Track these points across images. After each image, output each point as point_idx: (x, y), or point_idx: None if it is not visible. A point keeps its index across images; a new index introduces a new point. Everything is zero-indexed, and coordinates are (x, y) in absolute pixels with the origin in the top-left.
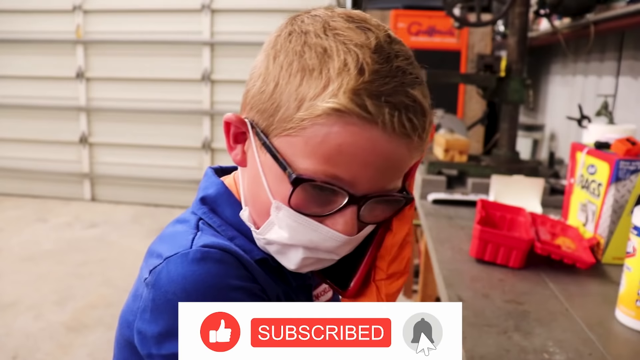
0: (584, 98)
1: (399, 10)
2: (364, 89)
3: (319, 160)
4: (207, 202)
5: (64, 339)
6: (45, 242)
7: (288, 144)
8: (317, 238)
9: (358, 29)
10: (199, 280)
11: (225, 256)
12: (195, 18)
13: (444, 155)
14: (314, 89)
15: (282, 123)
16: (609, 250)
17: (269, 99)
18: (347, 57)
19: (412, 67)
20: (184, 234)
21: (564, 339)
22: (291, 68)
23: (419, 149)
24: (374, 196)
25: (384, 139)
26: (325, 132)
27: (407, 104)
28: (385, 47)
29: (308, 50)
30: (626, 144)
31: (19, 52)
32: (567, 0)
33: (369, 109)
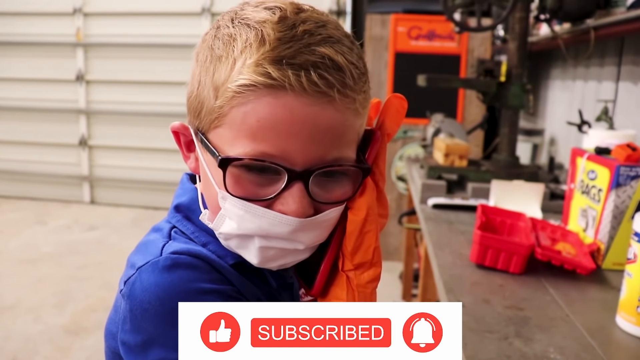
0: (583, 103)
1: (399, 15)
2: (264, 58)
3: (245, 141)
4: (181, 209)
5: (63, 342)
6: (44, 245)
7: (218, 135)
8: (266, 224)
9: (265, 9)
10: (171, 287)
11: (195, 261)
12: (196, 21)
13: (444, 160)
14: (223, 74)
15: (208, 117)
16: (609, 256)
17: (196, 99)
18: (248, 35)
19: (325, 29)
20: (155, 242)
21: (564, 345)
22: (207, 62)
23: (354, 109)
24: (317, 168)
25: (301, 103)
26: (242, 111)
27: (314, 61)
28: (290, 16)
29: (217, 42)
30: (626, 150)
31: (19, 55)
32: (567, 6)
33: (273, 75)
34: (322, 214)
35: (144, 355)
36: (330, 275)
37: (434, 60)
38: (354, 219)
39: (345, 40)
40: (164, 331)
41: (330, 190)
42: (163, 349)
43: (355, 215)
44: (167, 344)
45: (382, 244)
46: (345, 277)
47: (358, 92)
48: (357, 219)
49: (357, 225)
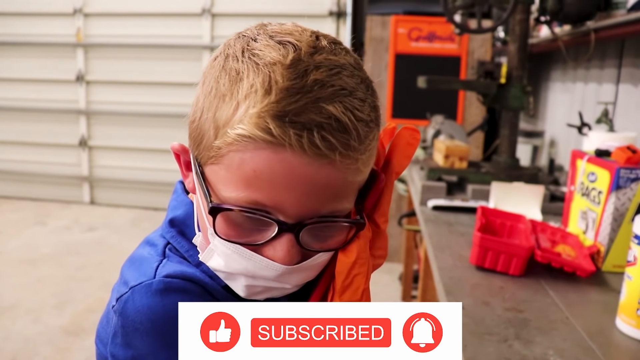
0: (584, 105)
1: (399, 16)
2: (267, 111)
3: (239, 187)
4: (176, 224)
5: (63, 342)
6: (44, 245)
7: (213, 172)
8: (253, 267)
9: (279, 44)
10: (164, 312)
11: (189, 285)
12: (196, 22)
13: (443, 162)
14: (225, 115)
15: (206, 152)
16: (609, 258)
17: (197, 128)
18: (255, 78)
19: (338, 77)
20: (150, 261)
21: (564, 348)
22: (211, 95)
23: (355, 168)
24: (310, 223)
25: (300, 162)
26: (239, 158)
27: (319, 121)
28: (304, 59)
29: (224, 75)
30: (627, 152)
31: (20, 55)
32: (567, 8)
33: (273, 132)
34: (309, 259)
35: None
36: None
37: (434, 61)
38: (344, 260)
39: (359, 91)
40: (154, 351)
41: (321, 240)
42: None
43: (346, 256)
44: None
45: None
46: None
47: (362, 152)
48: (347, 261)
49: (346, 267)
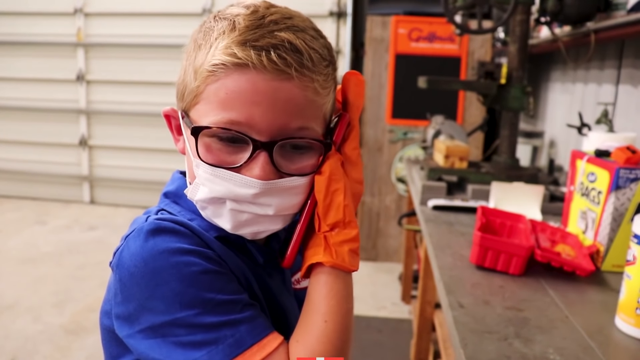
0: (583, 106)
1: (399, 16)
2: (232, 42)
3: (215, 112)
4: (169, 195)
5: (63, 341)
6: (44, 245)
7: (196, 112)
8: (234, 185)
9: (243, 7)
10: (154, 248)
11: (178, 226)
12: (196, 21)
13: (444, 162)
14: (201, 58)
15: (189, 97)
16: (609, 258)
17: (181, 84)
18: (223, 24)
19: (291, 20)
20: (142, 218)
21: (564, 347)
22: (190, 52)
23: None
24: (280, 140)
25: (262, 78)
26: (214, 87)
27: (274, 43)
28: (261, 10)
29: (199, 34)
30: (626, 153)
31: (20, 55)
32: (567, 9)
33: (238, 54)
34: (285, 179)
35: (136, 324)
36: (309, 240)
37: (434, 62)
38: (319, 178)
39: (310, 31)
40: (150, 293)
41: (295, 161)
42: (151, 314)
43: (320, 175)
44: (154, 307)
45: (382, 245)
46: (322, 237)
47: (317, 73)
48: (322, 178)
49: (323, 184)
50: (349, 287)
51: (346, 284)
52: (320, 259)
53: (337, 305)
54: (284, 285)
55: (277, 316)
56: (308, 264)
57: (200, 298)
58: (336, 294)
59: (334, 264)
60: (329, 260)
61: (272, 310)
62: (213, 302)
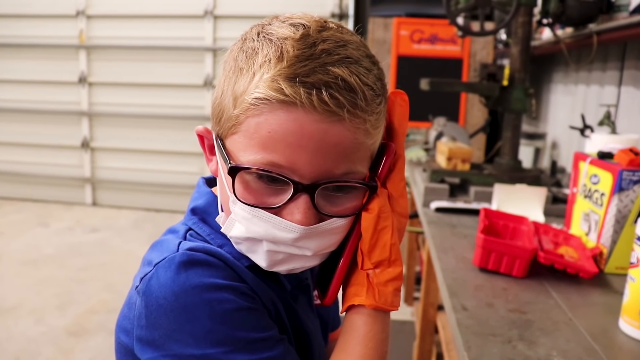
0: (586, 107)
1: (401, 18)
2: (280, 75)
3: (256, 150)
4: (197, 212)
5: (65, 343)
6: (46, 247)
7: (233, 142)
8: (273, 228)
9: (291, 25)
10: (186, 282)
11: (211, 258)
12: (198, 24)
13: (446, 164)
14: (243, 85)
15: (226, 124)
16: (612, 260)
17: (218, 105)
18: (269, 51)
19: (344, 49)
20: (171, 241)
21: (568, 349)
22: (230, 73)
23: (364, 129)
24: (323, 183)
25: (310, 120)
26: (256, 122)
27: (327, 81)
28: (312, 34)
29: (241, 54)
30: (629, 154)
31: (22, 57)
32: (570, 10)
33: (285, 91)
34: (326, 222)
35: (160, 350)
36: (351, 276)
37: (436, 63)
38: (367, 215)
39: (364, 61)
40: (179, 327)
41: (337, 204)
42: (179, 345)
43: (368, 212)
44: (183, 340)
45: None
46: (365, 275)
47: (370, 113)
48: (371, 215)
49: (371, 222)
50: (387, 328)
51: (385, 324)
52: (363, 301)
53: (375, 349)
54: (309, 305)
55: (301, 341)
56: (349, 304)
57: (232, 336)
58: (374, 336)
59: (376, 307)
60: (371, 303)
61: (296, 335)
62: (244, 341)
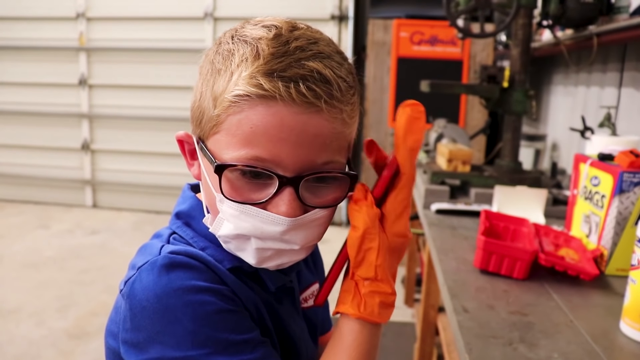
0: (586, 109)
1: (401, 20)
2: (258, 71)
3: (239, 146)
4: (181, 216)
5: (66, 346)
6: (46, 249)
7: (215, 142)
8: (261, 223)
9: (262, 27)
10: (168, 285)
11: (192, 261)
12: (198, 26)
13: (447, 165)
14: (222, 85)
15: (207, 125)
16: (613, 262)
17: (197, 109)
18: (245, 50)
19: (316, 45)
20: (156, 245)
21: (569, 351)
22: (207, 76)
23: (341, 119)
24: (307, 175)
25: (290, 112)
26: (237, 119)
27: (303, 74)
28: (284, 34)
29: (217, 57)
30: (630, 156)
31: (23, 59)
32: (570, 12)
33: (265, 86)
34: (310, 212)
35: (144, 352)
36: (344, 280)
37: (436, 65)
38: (352, 234)
39: (335, 56)
40: (162, 329)
41: (321, 195)
42: (162, 347)
43: (354, 231)
44: (166, 342)
45: None
46: (354, 283)
47: (345, 103)
48: (355, 235)
49: (355, 241)
50: (375, 339)
51: (372, 336)
52: (347, 309)
53: (358, 358)
54: (294, 307)
55: (287, 345)
56: (336, 310)
57: (213, 338)
58: (359, 346)
59: (359, 317)
60: (355, 313)
61: (281, 339)
62: (225, 343)
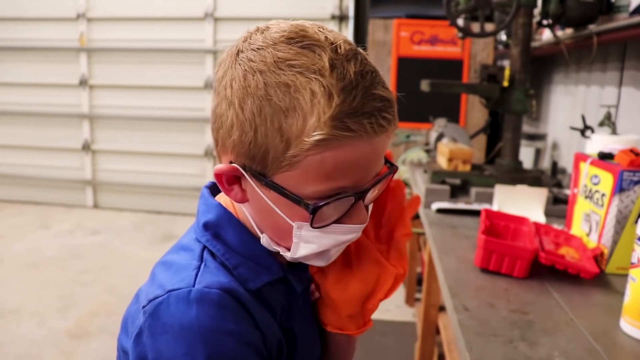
0: (586, 108)
1: (401, 20)
2: (339, 112)
3: (322, 181)
4: (210, 227)
5: (67, 346)
6: (47, 249)
7: (288, 178)
8: (341, 235)
9: (304, 49)
10: (194, 320)
11: (224, 298)
12: (198, 26)
13: (447, 165)
14: (295, 127)
15: (276, 163)
16: (613, 260)
17: (254, 146)
18: (312, 87)
19: (360, 62)
20: (188, 267)
21: (569, 349)
22: (264, 112)
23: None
24: (371, 185)
25: (371, 143)
26: (319, 158)
27: (379, 106)
28: (336, 60)
29: (272, 91)
30: (630, 155)
31: (23, 60)
32: (570, 11)
33: (352, 128)
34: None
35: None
36: None
37: (436, 64)
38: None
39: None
40: (175, 356)
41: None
42: None
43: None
44: None
45: None
46: None
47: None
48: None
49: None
50: None
51: None
52: None
53: None
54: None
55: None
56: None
57: None
58: None
59: None
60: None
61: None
62: None
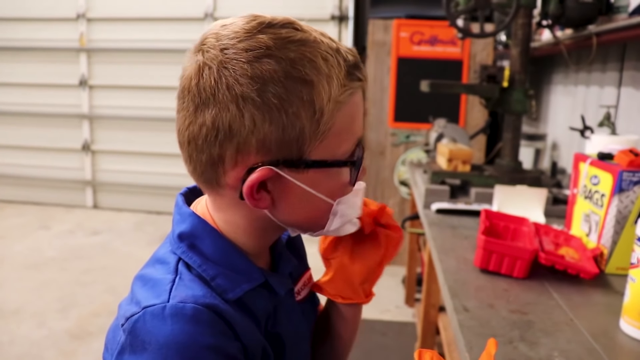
0: (585, 108)
1: (401, 20)
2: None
3: (349, 136)
4: (185, 237)
5: (68, 346)
6: (48, 250)
7: (323, 149)
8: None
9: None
10: (170, 336)
11: (199, 312)
12: (198, 26)
13: (447, 165)
14: (323, 93)
15: (313, 137)
16: (612, 260)
17: (290, 129)
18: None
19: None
20: (163, 282)
21: (569, 349)
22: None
23: None
24: None
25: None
26: (344, 115)
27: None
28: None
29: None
30: (629, 155)
31: (23, 60)
32: (569, 12)
33: (359, 77)
34: None
35: None
36: None
37: (436, 65)
38: None
39: None
40: None
41: None
42: None
43: None
44: None
45: None
46: None
47: None
48: None
49: None
50: None
51: None
52: None
53: None
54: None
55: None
56: None
57: None
58: None
59: None
60: None
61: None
62: None
